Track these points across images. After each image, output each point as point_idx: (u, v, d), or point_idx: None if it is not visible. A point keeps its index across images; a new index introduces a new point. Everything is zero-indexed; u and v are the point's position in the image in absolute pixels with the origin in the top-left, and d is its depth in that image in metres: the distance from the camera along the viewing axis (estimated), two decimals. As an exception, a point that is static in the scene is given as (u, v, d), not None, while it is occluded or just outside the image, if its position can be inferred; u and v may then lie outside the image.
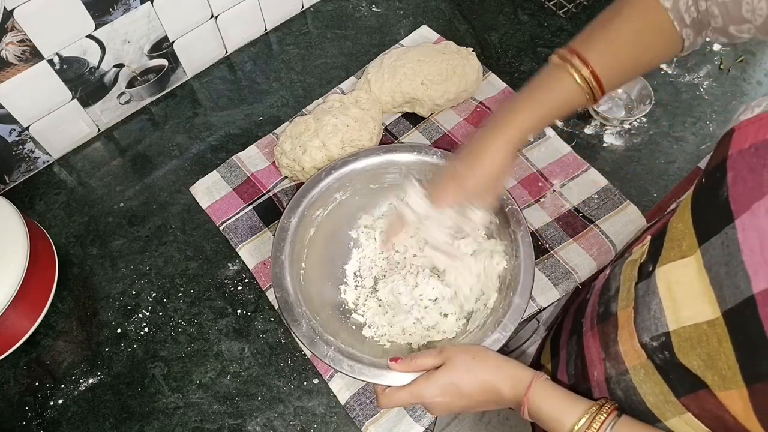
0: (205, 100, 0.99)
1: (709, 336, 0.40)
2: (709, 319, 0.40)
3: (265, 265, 0.81)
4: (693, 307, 0.42)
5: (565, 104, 0.61)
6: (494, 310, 0.70)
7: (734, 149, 0.40)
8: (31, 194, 0.91)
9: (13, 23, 0.74)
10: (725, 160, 0.41)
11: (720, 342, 0.39)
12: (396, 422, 0.70)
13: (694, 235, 0.43)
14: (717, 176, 0.41)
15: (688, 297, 0.43)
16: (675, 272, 0.45)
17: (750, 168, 0.38)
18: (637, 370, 0.50)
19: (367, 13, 1.07)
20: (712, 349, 0.40)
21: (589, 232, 0.81)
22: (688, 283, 0.43)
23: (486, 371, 0.59)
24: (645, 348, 0.48)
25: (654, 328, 0.47)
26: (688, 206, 0.45)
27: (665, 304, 0.46)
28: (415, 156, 0.79)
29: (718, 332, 0.39)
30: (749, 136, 0.40)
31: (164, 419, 0.73)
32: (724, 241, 0.39)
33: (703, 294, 0.41)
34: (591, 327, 0.59)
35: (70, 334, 0.79)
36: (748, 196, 0.38)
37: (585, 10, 1.05)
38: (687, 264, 0.43)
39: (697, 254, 0.42)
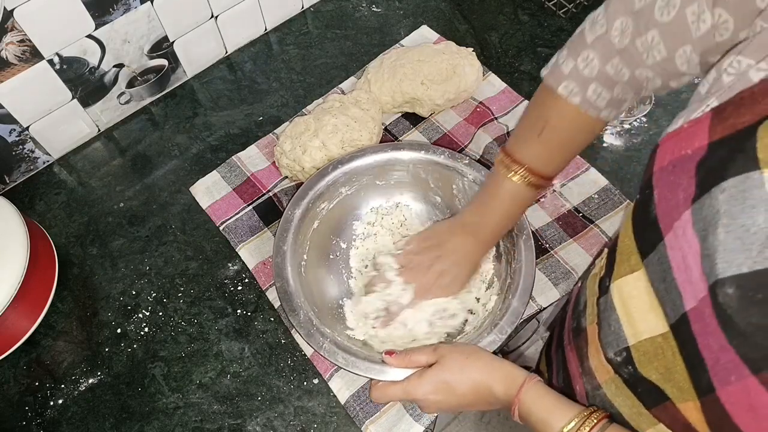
0: (205, 100, 0.99)
1: (665, 349, 0.40)
2: (662, 332, 0.40)
3: (265, 265, 0.81)
4: (647, 321, 0.42)
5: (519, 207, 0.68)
6: (492, 312, 0.70)
7: (657, 166, 0.41)
8: (31, 194, 0.91)
9: (13, 23, 0.74)
10: (651, 177, 0.41)
11: (674, 355, 0.39)
12: (396, 422, 0.70)
13: (636, 251, 0.43)
14: (647, 192, 0.42)
15: (641, 311, 0.43)
16: (627, 287, 0.45)
17: (669, 186, 0.39)
18: (608, 384, 0.49)
19: (367, 13, 1.08)
20: (668, 362, 0.40)
21: (589, 232, 0.81)
22: (639, 297, 0.43)
23: (478, 371, 0.59)
24: (611, 363, 0.48)
25: (616, 343, 0.46)
26: (630, 221, 0.46)
27: (622, 319, 0.46)
28: (422, 154, 0.79)
29: (671, 345, 0.40)
30: (668, 152, 0.40)
31: (164, 419, 0.73)
32: (659, 258, 0.39)
33: (653, 308, 0.41)
34: (569, 341, 0.59)
35: (70, 334, 0.79)
36: (669, 215, 0.38)
37: (585, 10, 1.05)
38: (636, 278, 0.43)
39: (642, 269, 0.42)
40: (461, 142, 0.90)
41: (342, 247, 0.81)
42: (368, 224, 0.82)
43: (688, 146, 0.38)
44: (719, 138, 0.36)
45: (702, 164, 0.36)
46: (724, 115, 0.36)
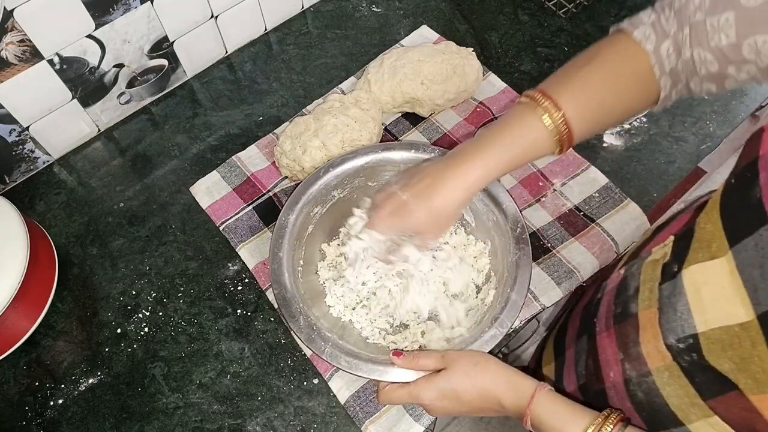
0: (205, 100, 0.99)
1: (742, 339, 0.39)
2: (742, 322, 0.39)
3: (265, 265, 0.81)
4: (723, 309, 0.41)
5: (531, 151, 0.58)
6: (491, 307, 0.70)
7: (765, 150, 0.39)
8: (31, 194, 0.91)
9: (13, 23, 0.74)
10: (756, 160, 0.39)
11: (754, 345, 0.38)
12: (396, 422, 0.70)
13: (724, 236, 0.42)
14: (747, 176, 0.40)
15: (718, 299, 0.42)
16: (703, 273, 0.44)
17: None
18: (660, 372, 0.48)
19: (367, 13, 1.08)
20: (744, 352, 0.39)
21: (590, 231, 0.81)
22: (719, 284, 0.42)
23: (486, 379, 0.59)
24: (670, 349, 0.47)
25: (680, 329, 0.45)
26: (716, 207, 0.44)
27: (693, 305, 0.44)
28: (412, 154, 0.79)
29: (752, 335, 0.38)
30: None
31: (164, 419, 0.73)
32: (758, 243, 0.38)
33: (734, 296, 0.40)
34: (606, 327, 0.58)
35: (70, 334, 0.79)
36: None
37: (585, 10, 1.05)
38: (717, 265, 0.42)
39: (728, 255, 0.41)
40: (461, 142, 0.90)
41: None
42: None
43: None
44: None
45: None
46: None
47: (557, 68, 0.96)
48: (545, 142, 0.57)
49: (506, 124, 0.59)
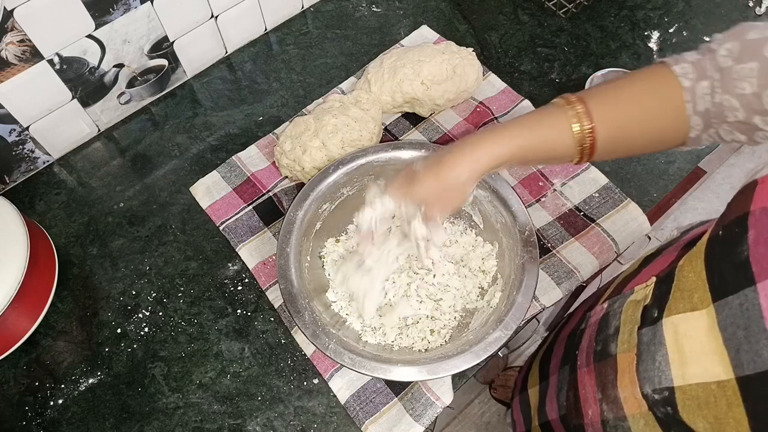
0: (205, 100, 0.99)
1: (718, 398, 0.38)
2: (719, 380, 0.38)
3: (265, 265, 0.81)
4: (702, 365, 0.40)
5: (549, 148, 0.57)
6: (497, 309, 0.70)
7: (757, 206, 0.38)
8: (31, 194, 0.91)
9: (13, 23, 0.74)
10: (747, 216, 0.38)
11: (729, 406, 0.37)
12: (396, 421, 0.70)
13: (707, 288, 0.40)
14: (736, 231, 0.39)
15: (697, 353, 0.40)
16: (684, 325, 0.42)
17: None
18: (636, 419, 0.47)
19: (367, 13, 1.08)
20: (720, 413, 0.38)
21: (590, 231, 0.81)
22: (698, 338, 0.40)
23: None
24: (646, 399, 0.46)
25: (657, 380, 0.44)
26: (701, 256, 0.42)
27: (671, 356, 0.43)
28: (422, 153, 0.79)
29: (729, 395, 0.37)
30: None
31: (164, 419, 0.73)
32: (742, 303, 0.37)
33: (713, 353, 0.39)
34: (587, 363, 0.57)
35: (70, 334, 0.79)
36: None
37: (585, 10, 1.05)
38: (698, 318, 0.41)
39: (710, 309, 0.39)
40: (461, 142, 0.90)
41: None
42: None
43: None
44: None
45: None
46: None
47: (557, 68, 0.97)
48: (567, 146, 0.56)
49: (533, 116, 0.59)
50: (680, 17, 1.03)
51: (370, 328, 0.74)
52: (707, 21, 1.01)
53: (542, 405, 0.67)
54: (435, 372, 0.65)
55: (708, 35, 0.98)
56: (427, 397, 0.71)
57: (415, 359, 0.68)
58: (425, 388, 0.72)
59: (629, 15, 1.04)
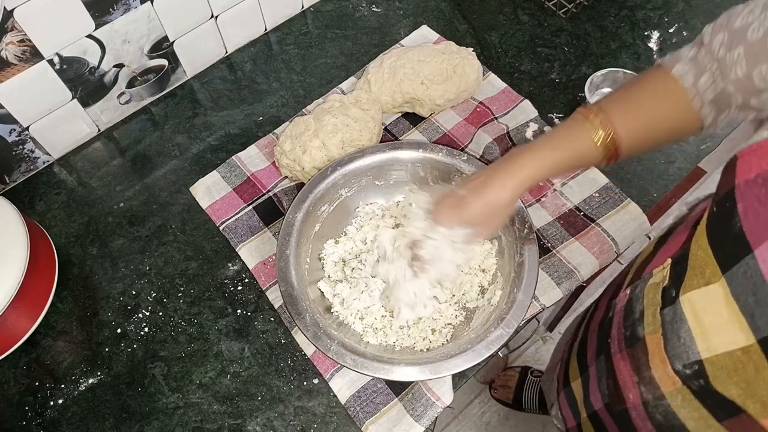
0: (205, 100, 0.99)
1: (745, 363, 0.40)
2: (743, 346, 0.40)
3: (265, 265, 0.81)
4: (724, 335, 0.41)
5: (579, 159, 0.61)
6: (498, 307, 0.70)
7: (740, 179, 0.40)
8: (31, 194, 0.91)
9: (13, 23, 0.74)
10: (733, 190, 0.40)
11: (757, 369, 0.39)
12: (396, 422, 0.70)
13: (715, 263, 0.42)
14: (727, 206, 0.41)
15: (717, 324, 0.42)
16: (701, 300, 0.44)
17: (759, 200, 0.38)
18: (673, 396, 0.49)
19: (367, 13, 1.08)
20: (749, 377, 0.39)
21: (590, 231, 0.81)
22: (716, 310, 0.42)
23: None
24: (679, 375, 0.47)
25: (686, 356, 0.46)
26: (704, 233, 0.45)
27: (695, 331, 0.45)
28: (420, 153, 0.79)
29: (755, 360, 0.39)
30: (753, 166, 0.39)
31: (164, 419, 0.73)
32: (746, 271, 0.39)
33: (733, 321, 0.40)
34: (619, 349, 0.58)
35: (70, 334, 0.79)
36: (763, 228, 0.38)
37: (585, 10, 1.05)
38: (712, 291, 0.42)
39: (722, 281, 0.41)
40: (461, 142, 0.90)
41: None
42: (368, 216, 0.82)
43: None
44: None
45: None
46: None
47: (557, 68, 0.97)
48: (593, 154, 0.60)
49: (558, 133, 0.62)
50: (680, 17, 1.03)
51: (372, 329, 0.74)
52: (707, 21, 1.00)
53: (587, 396, 0.68)
54: (437, 371, 0.65)
55: (708, 35, 0.98)
56: (427, 397, 0.71)
57: (417, 359, 0.68)
58: (425, 388, 0.72)
59: (629, 15, 1.04)
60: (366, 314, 0.74)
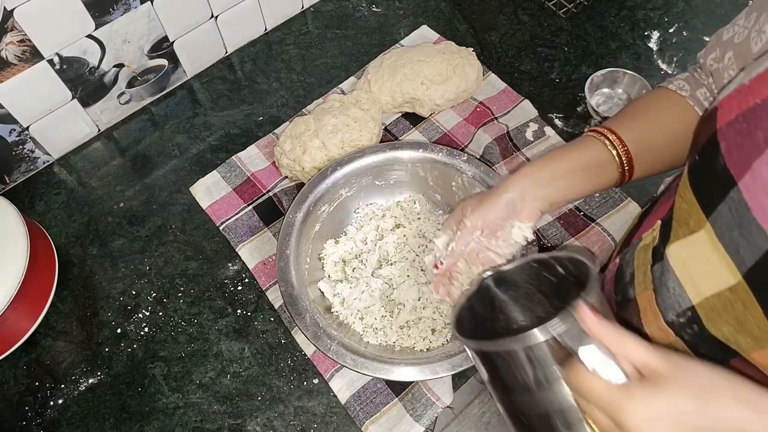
0: (205, 100, 0.99)
1: (733, 302, 0.41)
2: (730, 285, 0.41)
3: (265, 265, 0.81)
4: (712, 278, 0.43)
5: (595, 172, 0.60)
6: None
7: (721, 123, 0.42)
8: (31, 194, 0.91)
9: (13, 23, 0.74)
10: (715, 134, 0.42)
11: (745, 305, 0.40)
12: (396, 422, 0.70)
13: (700, 210, 0.44)
14: (709, 150, 0.43)
15: (704, 269, 0.43)
16: (687, 249, 0.46)
17: (742, 134, 0.40)
18: None
19: (367, 13, 1.08)
20: (739, 314, 0.41)
21: (590, 231, 0.81)
22: (703, 256, 0.43)
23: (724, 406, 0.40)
24: (672, 326, 0.48)
25: (677, 305, 0.47)
26: (687, 185, 0.46)
27: (683, 280, 0.46)
28: (420, 153, 0.79)
29: (742, 296, 0.40)
30: (733, 108, 0.41)
31: (164, 419, 0.73)
32: (731, 206, 0.40)
33: (720, 263, 0.42)
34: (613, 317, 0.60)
35: (70, 334, 0.79)
36: (746, 157, 0.39)
37: (585, 10, 1.05)
38: (698, 238, 0.44)
39: (707, 227, 0.43)
40: (461, 142, 0.90)
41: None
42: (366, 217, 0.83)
43: (757, 97, 0.40)
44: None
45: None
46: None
47: (557, 68, 0.97)
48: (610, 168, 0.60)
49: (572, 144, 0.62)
50: (680, 17, 1.03)
51: (372, 329, 0.74)
52: (707, 21, 1.01)
53: None
54: (437, 371, 0.65)
55: (708, 35, 0.98)
56: (427, 397, 0.71)
57: (417, 359, 0.68)
58: (425, 388, 0.72)
59: (629, 15, 1.04)
60: (366, 314, 0.74)
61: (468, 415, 1.53)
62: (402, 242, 0.79)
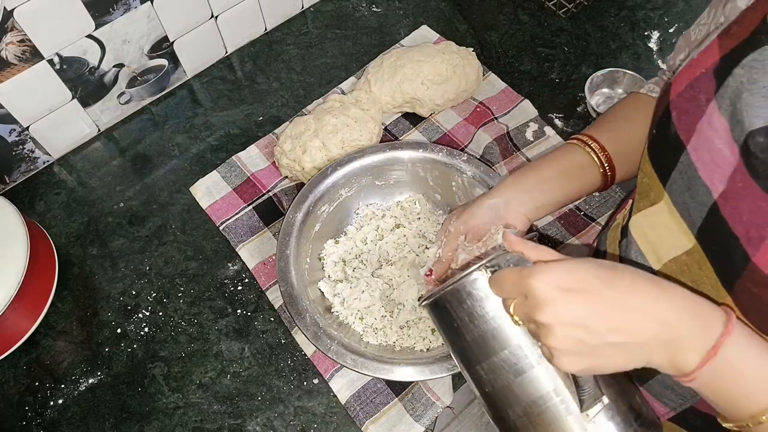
0: (205, 100, 0.99)
1: (689, 264, 0.43)
2: (687, 249, 0.43)
3: (265, 265, 0.81)
4: (670, 244, 0.45)
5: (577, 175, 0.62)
6: None
7: (673, 95, 0.44)
8: (31, 194, 0.91)
9: (13, 23, 0.74)
10: (668, 105, 0.45)
11: (700, 266, 0.42)
12: (396, 422, 0.70)
13: (659, 182, 0.46)
14: (663, 120, 0.45)
15: (664, 237, 0.46)
16: (647, 219, 0.48)
17: (688, 100, 0.42)
18: None
19: (367, 13, 1.08)
20: (694, 276, 0.43)
21: (590, 230, 0.81)
22: (663, 225, 0.46)
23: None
24: None
25: None
26: (647, 158, 0.49)
27: (644, 248, 0.49)
28: (420, 153, 0.79)
29: (697, 258, 0.42)
30: (683, 80, 0.44)
31: (164, 419, 0.73)
32: (681, 171, 0.42)
33: (677, 230, 0.44)
34: None
35: (70, 334, 0.79)
36: (691, 121, 0.41)
37: (585, 10, 1.05)
38: (658, 210, 0.46)
39: (665, 197, 0.45)
40: (461, 142, 0.90)
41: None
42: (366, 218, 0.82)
43: (702, 67, 0.42)
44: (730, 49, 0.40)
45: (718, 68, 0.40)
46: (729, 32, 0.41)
47: (557, 68, 0.97)
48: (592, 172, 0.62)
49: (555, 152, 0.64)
50: (680, 17, 1.03)
51: (372, 329, 0.74)
52: (707, 21, 1.01)
53: None
54: (437, 371, 0.65)
55: (708, 35, 0.99)
56: (427, 397, 0.71)
57: (417, 359, 0.68)
58: (425, 388, 0.72)
59: (629, 15, 1.04)
60: (366, 314, 0.74)
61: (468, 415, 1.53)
62: (402, 242, 0.79)
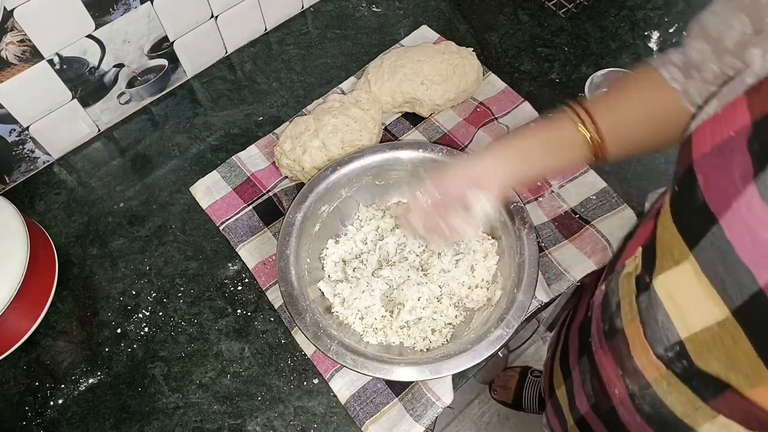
0: (205, 100, 0.99)
1: (723, 337, 0.40)
2: (719, 320, 0.40)
3: (265, 265, 0.81)
4: (700, 311, 0.42)
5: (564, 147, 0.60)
6: (498, 307, 0.70)
7: (697, 154, 0.41)
8: (31, 194, 0.91)
9: (13, 23, 0.74)
10: (692, 166, 0.42)
11: (735, 341, 0.39)
12: (396, 422, 0.70)
13: (682, 241, 0.43)
14: (688, 181, 0.42)
15: (692, 302, 0.43)
16: (673, 280, 0.45)
17: (718, 169, 0.39)
18: (659, 383, 0.49)
19: (367, 13, 1.08)
20: (728, 350, 0.40)
21: (584, 233, 0.81)
22: (689, 288, 0.42)
23: None
24: (661, 359, 0.47)
25: (666, 339, 0.46)
26: (668, 215, 0.46)
27: (671, 313, 0.45)
28: (420, 153, 0.79)
29: (732, 331, 0.39)
30: (707, 139, 0.41)
31: (164, 419, 0.73)
32: (713, 242, 0.39)
33: (706, 296, 0.41)
34: (600, 345, 0.58)
35: (70, 334, 0.79)
36: (724, 194, 0.38)
37: (585, 10, 1.05)
38: (683, 270, 0.43)
39: (690, 259, 0.42)
40: (461, 142, 0.90)
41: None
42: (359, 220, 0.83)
43: (730, 129, 0.38)
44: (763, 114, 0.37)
45: (752, 141, 0.37)
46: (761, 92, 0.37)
47: (557, 68, 0.97)
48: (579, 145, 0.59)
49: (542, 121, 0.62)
50: (680, 17, 1.03)
51: (372, 329, 0.74)
52: (707, 21, 1.01)
53: (572, 402, 0.68)
54: (437, 371, 0.65)
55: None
56: (427, 397, 0.71)
57: (418, 359, 0.68)
58: (426, 388, 0.72)
59: (629, 15, 1.04)
60: (366, 314, 0.74)
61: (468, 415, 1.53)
62: (402, 242, 0.79)
